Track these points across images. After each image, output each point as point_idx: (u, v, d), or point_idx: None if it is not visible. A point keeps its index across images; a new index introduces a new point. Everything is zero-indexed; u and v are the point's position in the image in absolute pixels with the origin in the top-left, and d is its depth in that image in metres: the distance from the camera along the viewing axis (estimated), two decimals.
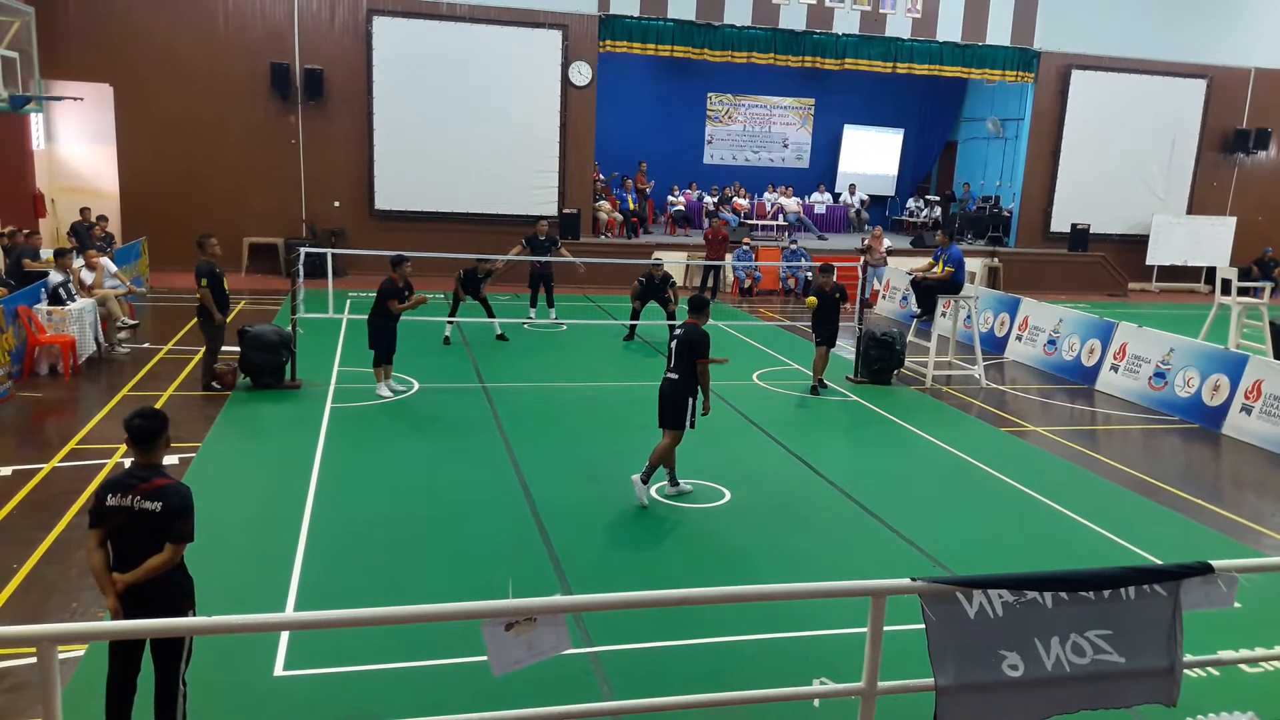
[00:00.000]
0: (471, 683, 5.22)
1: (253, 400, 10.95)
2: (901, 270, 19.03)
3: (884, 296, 19.91)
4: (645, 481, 8.21)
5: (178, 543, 4.26)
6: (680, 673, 5.54)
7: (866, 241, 21.07)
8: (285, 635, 5.69)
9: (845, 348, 14.15)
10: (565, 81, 21.22)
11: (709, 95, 26.70)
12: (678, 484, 8.46)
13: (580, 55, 21.24)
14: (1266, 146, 25.37)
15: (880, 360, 13.01)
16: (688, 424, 8.23)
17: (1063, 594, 3.78)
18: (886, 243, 21.37)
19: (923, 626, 3.69)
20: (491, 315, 14.54)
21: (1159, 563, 5.98)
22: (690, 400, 8.19)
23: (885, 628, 3.77)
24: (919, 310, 13.96)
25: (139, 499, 4.22)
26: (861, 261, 14.21)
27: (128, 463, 4.46)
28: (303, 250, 12.29)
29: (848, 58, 22.74)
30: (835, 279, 12.44)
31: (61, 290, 12.17)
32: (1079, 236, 24.26)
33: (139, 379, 11.72)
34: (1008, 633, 3.74)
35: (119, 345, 13.10)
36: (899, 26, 22.66)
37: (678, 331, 8.32)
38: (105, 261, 14.28)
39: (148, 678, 4.39)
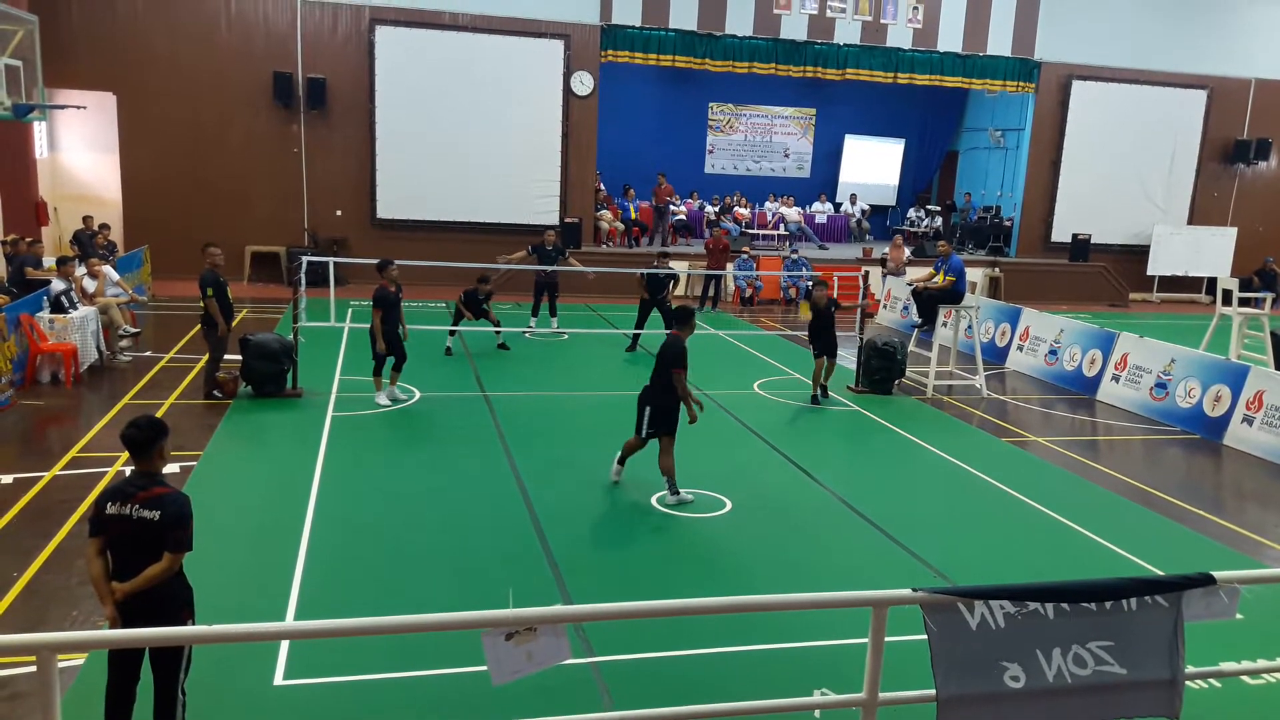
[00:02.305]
0: (471, 692, 5.21)
1: (254, 409, 10.95)
2: (902, 280, 19.05)
3: (885, 306, 19.93)
4: (675, 493, 8.41)
5: (176, 551, 4.25)
6: (681, 683, 5.52)
7: (887, 250, 21.15)
8: (285, 644, 5.68)
9: (846, 357, 14.14)
10: (567, 91, 21.29)
11: (710, 105, 26.79)
12: (678, 493, 8.46)
13: (582, 65, 21.32)
14: (1267, 157, 25.42)
15: (881, 370, 13.01)
16: (645, 430, 8.45)
17: (1064, 605, 3.77)
18: (907, 252, 21.44)
19: (924, 637, 3.69)
20: (497, 326, 14.45)
21: (1160, 573, 5.97)
22: (669, 408, 8.36)
23: (886, 638, 3.76)
24: (920, 320, 13.97)
25: (138, 507, 4.22)
26: (863, 271, 14.19)
27: (128, 471, 4.46)
28: (305, 259, 12.31)
29: (849, 68, 22.83)
30: (829, 292, 12.49)
31: (63, 298, 12.18)
32: (1080, 247, 24.29)
33: (140, 387, 11.72)
34: (1009, 644, 3.73)
35: (121, 353, 13.10)
36: (900, 37, 22.74)
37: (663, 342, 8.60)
38: (107, 270, 14.29)
39: (146, 687, 4.38)
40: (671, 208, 24.43)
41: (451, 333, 14.30)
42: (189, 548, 4.31)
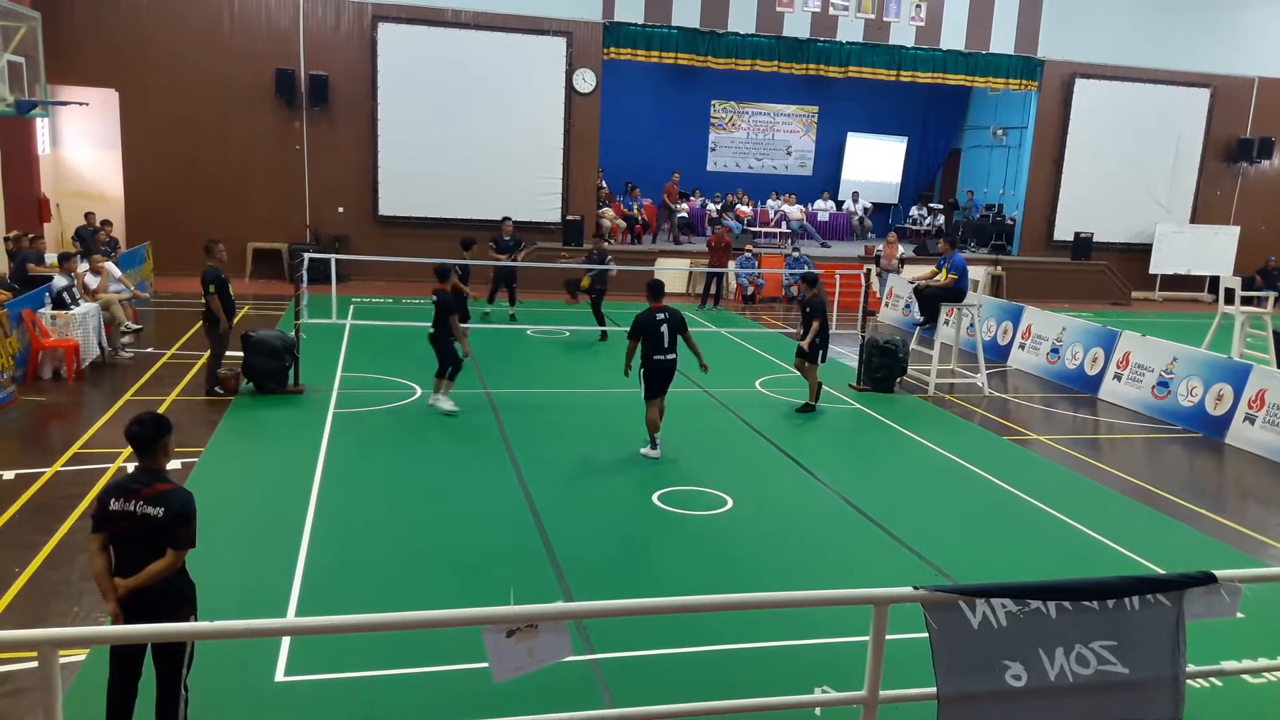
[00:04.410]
0: (472, 689, 5.21)
1: (255, 405, 10.95)
2: (904, 278, 19.04)
3: (887, 304, 19.92)
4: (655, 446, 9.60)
5: (179, 548, 4.25)
6: (681, 680, 5.52)
7: (881, 247, 21.14)
8: (286, 640, 5.69)
9: (848, 355, 14.14)
10: (569, 88, 21.28)
11: (713, 103, 26.76)
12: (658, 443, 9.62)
13: (584, 62, 21.30)
14: (1270, 156, 25.38)
15: (883, 368, 13.00)
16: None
17: (1066, 604, 3.77)
18: (900, 249, 21.44)
19: (925, 635, 3.68)
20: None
21: (1162, 572, 5.97)
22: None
23: (887, 636, 3.76)
24: (922, 318, 13.95)
25: (141, 504, 4.22)
26: (865, 270, 14.16)
27: (130, 467, 4.46)
28: (306, 256, 12.32)
29: (851, 66, 22.81)
30: (814, 291, 11.88)
31: (65, 294, 12.19)
32: (1082, 245, 24.27)
33: (142, 383, 11.73)
34: (1011, 642, 3.73)
35: (122, 350, 13.11)
36: (903, 35, 22.71)
37: (660, 316, 9.47)
38: (110, 266, 14.30)
39: (147, 683, 4.38)
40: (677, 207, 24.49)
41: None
42: (192, 545, 4.31)
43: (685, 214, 24.28)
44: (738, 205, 24.95)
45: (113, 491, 4.28)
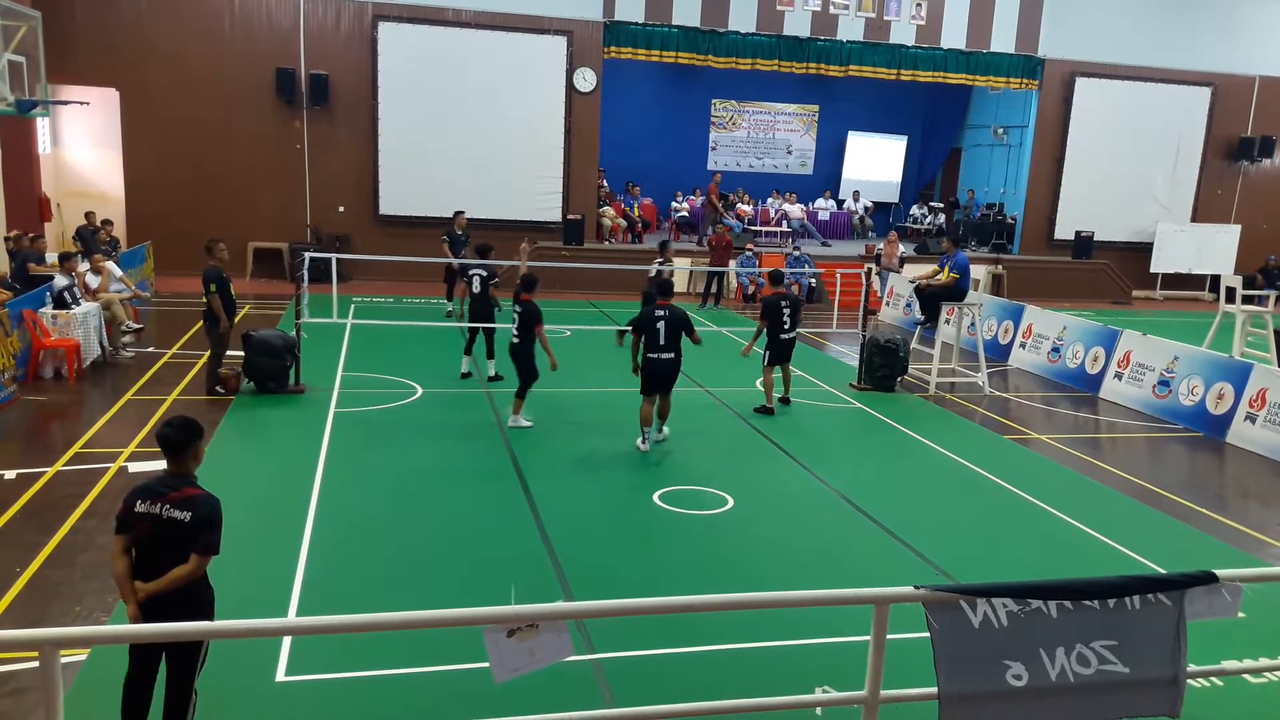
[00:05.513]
0: (473, 689, 5.21)
1: (256, 405, 10.95)
2: (905, 277, 19.04)
3: (888, 303, 19.92)
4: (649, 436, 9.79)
5: (204, 554, 4.23)
6: (682, 680, 5.52)
7: (882, 246, 21.13)
8: (287, 640, 5.69)
9: (849, 354, 14.12)
10: (570, 87, 21.29)
11: (713, 101, 26.77)
12: (648, 437, 9.81)
13: (585, 61, 21.31)
14: (1271, 154, 25.37)
15: (884, 367, 13.00)
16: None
17: (1067, 603, 3.77)
18: (901, 248, 21.45)
19: (926, 635, 3.68)
20: (490, 355, 12.80)
21: (1163, 572, 5.97)
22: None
23: (888, 636, 3.76)
24: (923, 317, 13.95)
25: (168, 507, 4.20)
26: (866, 269, 14.16)
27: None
28: (307, 255, 12.31)
29: (852, 64, 22.81)
30: (773, 289, 11.66)
31: (66, 294, 12.19)
32: (1083, 244, 24.27)
33: (143, 383, 11.74)
34: (1012, 642, 3.73)
35: (123, 349, 13.11)
36: (903, 33, 22.71)
37: (660, 313, 9.52)
38: (110, 266, 14.30)
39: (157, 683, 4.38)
40: (674, 204, 24.49)
41: (467, 350, 12.90)
42: (216, 551, 4.29)
43: (686, 213, 24.30)
44: (738, 204, 24.96)
45: (139, 493, 4.26)
